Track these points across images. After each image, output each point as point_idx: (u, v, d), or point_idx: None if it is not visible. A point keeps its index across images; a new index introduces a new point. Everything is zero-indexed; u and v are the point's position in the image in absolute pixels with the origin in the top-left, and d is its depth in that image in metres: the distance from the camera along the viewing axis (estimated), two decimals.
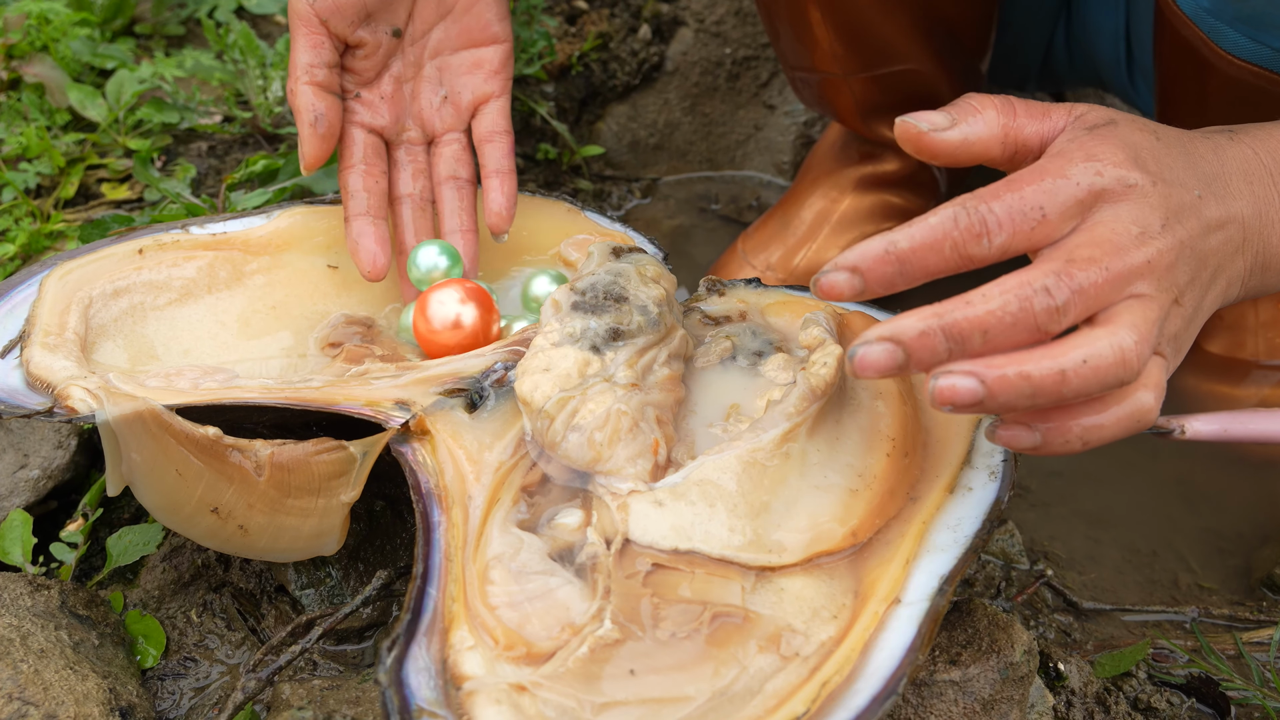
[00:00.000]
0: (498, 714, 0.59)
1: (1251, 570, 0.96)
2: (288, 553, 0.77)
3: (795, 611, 0.66)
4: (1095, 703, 0.81)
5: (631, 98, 1.46)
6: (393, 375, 0.79)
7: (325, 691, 0.72)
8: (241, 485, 0.73)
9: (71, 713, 0.70)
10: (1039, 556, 0.96)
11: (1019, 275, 0.62)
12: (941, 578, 0.67)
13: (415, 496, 0.70)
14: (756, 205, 1.37)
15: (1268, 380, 1.09)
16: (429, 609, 0.64)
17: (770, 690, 0.62)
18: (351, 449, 0.73)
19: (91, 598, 0.82)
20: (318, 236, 0.92)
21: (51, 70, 1.35)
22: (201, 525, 0.75)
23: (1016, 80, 1.29)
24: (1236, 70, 0.85)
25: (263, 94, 1.33)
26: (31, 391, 0.75)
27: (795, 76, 1.16)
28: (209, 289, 0.87)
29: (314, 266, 0.91)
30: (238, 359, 0.84)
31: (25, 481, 0.90)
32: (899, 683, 0.61)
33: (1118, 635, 0.90)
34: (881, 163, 1.20)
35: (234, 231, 0.90)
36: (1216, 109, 0.90)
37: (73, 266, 0.84)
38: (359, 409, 0.74)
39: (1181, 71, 0.91)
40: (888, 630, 0.64)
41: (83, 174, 1.26)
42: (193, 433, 0.72)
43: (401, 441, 0.73)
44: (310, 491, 0.73)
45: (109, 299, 0.84)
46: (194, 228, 0.90)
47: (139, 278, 0.86)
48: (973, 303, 0.61)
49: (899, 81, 1.11)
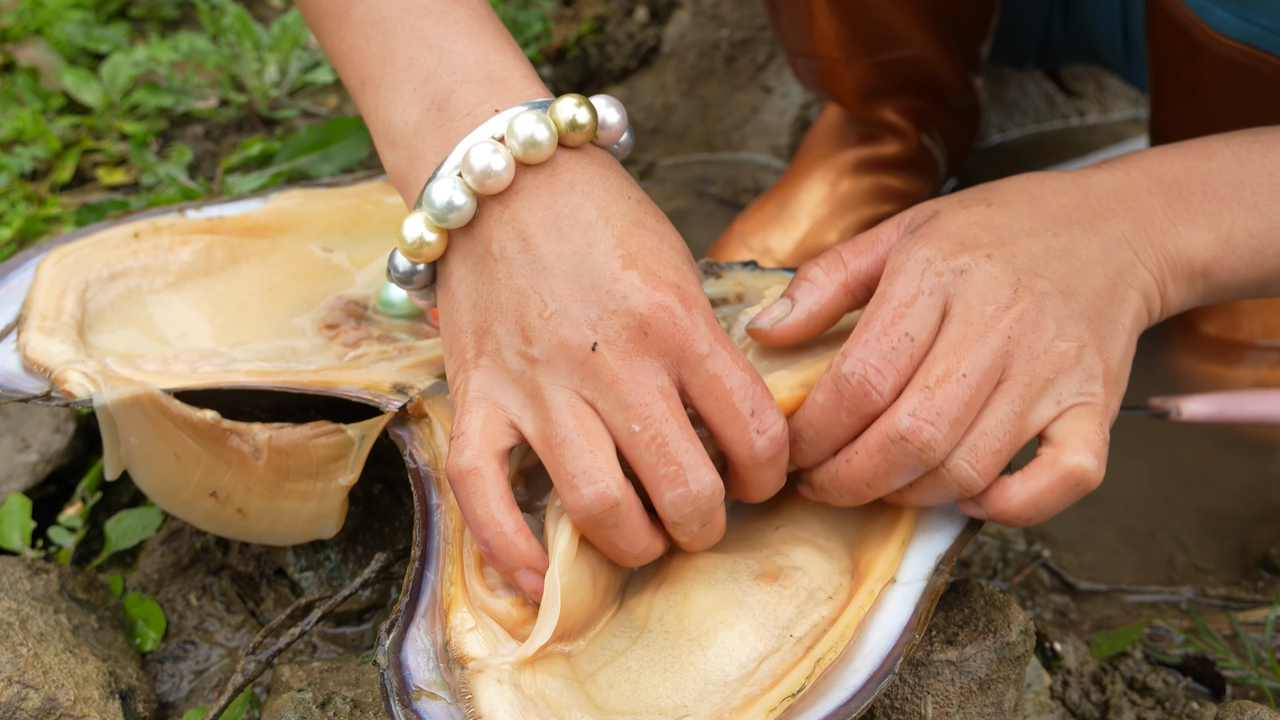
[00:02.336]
0: (499, 693, 0.59)
1: (1247, 551, 0.97)
2: (286, 536, 0.77)
3: (792, 592, 0.66)
4: (1091, 682, 0.81)
5: (628, 80, 1.46)
6: (390, 358, 0.79)
7: (325, 673, 0.73)
8: (240, 469, 0.73)
9: (71, 696, 0.71)
10: (1036, 538, 0.96)
11: (879, 428, 0.62)
12: (938, 557, 0.67)
13: (414, 480, 0.70)
14: (754, 188, 1.37)
15: (1264, 361, 1.09)
16: (427, 591, 0.65)
17: (766, 670, 0.62)
18: (350, 432, 0.73)
19: (90, 581, 0.82)
20: (315, 219, 0.92)
21: (45, 54, 1.34)
22: (200, 509, 0.75)
23: (1014, 59, 1.28)
24: (1226, 50, 0.84)
25: (258, 77, 1.32)
26: (29, 375, 0.75)
27: (795, 61, 1.15)
28: (205, 272, 0.87)
29: (310, 250, 0.91)
30: (234, 342, 0.84)
31: (23, 466, 0.90)
32: (895, 662, 0.61)
33: (1114, 616, 0.90)
34: (880, 145, 1.20)
35: (230, 215, 0.90)
36: (1208, 90, 0.90)
37: (69, 250, 0.84)
38: (357, 393, 0.74)
39: (1173, 52, 0.91)
40: (884, 610, 0.64)
41: (78, 158, 1.26)
42: (191, 416, 0.72)
43: (400, 425, 0.72)
44: (308, 475, 0.73)
45: (105, 283, 0.84)
46: (190, 211, 0.89)
47: (135, 261, 0.85)
48: (851, 461, 0.64)
49: (901, 66, 1.11)
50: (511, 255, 0.62)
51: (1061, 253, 0.66)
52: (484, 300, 0.63)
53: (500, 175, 0.61)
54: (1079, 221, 0.67)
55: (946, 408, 0.61)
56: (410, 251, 0.64)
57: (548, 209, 0.62)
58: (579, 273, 0.61)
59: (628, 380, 0.60)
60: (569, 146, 0.64)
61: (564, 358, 0.60)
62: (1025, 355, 0.63)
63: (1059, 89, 1.45)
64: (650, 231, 0.63)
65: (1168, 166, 0.70)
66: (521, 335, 0.61)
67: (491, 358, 0.63)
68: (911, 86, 1.15)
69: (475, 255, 0.63)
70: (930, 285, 0.63)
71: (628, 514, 0.61)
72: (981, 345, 0.62)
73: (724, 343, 0.62)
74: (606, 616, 0.66)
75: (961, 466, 0.62)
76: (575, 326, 0.60)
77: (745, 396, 0.61)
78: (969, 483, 0.62)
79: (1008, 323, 0.63)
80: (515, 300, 0.62)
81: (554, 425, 0.60)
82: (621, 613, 0.66)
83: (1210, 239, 0.68)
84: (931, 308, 0.63)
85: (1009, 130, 1.43)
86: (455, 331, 0.64)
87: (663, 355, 0.61)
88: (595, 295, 0.60)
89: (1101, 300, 0.66)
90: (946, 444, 0.61)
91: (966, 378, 0.61)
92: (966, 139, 1.26)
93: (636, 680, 0.62)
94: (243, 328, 0.85)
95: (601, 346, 0.60)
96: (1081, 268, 0.66)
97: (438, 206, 0.62)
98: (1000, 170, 1.38)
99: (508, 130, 0.62)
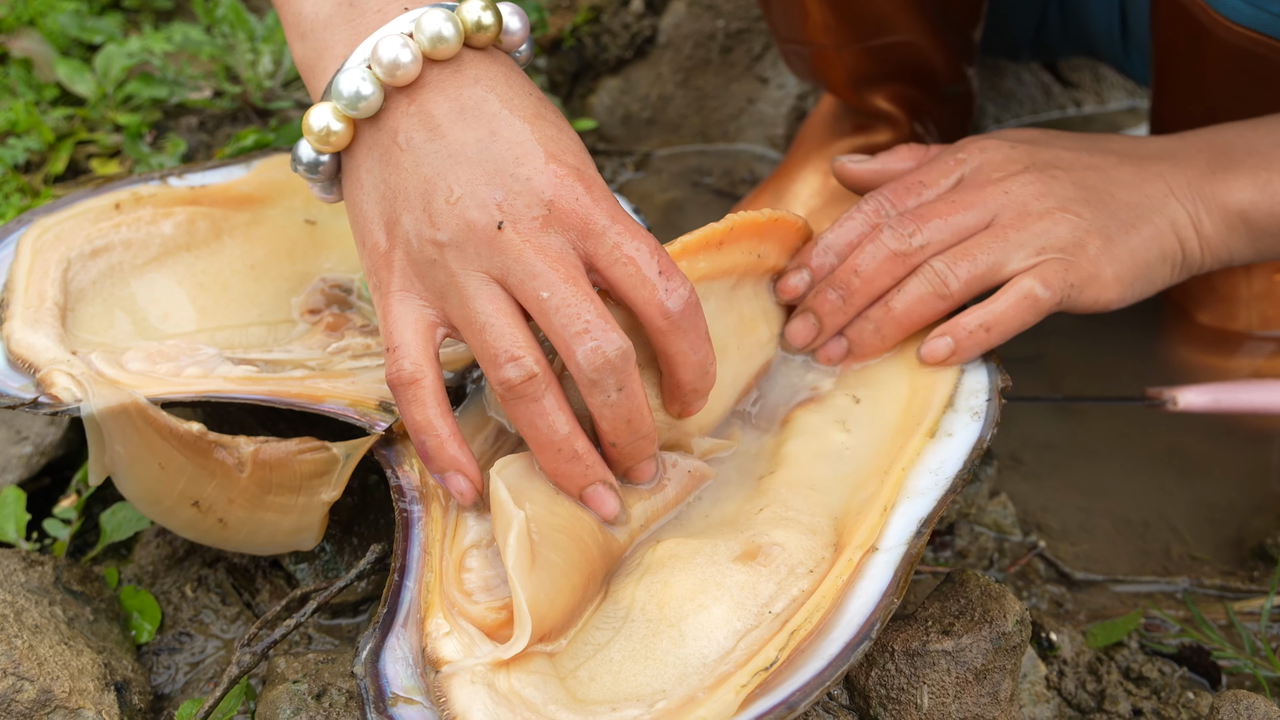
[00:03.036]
0: (473, 694, 0.59)
1: (1243, 540, 0.97)
2: (266, 546, 0.77)
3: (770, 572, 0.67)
4: (1087, 672, 0.81)
5: (624, 71, 1.46)
6: (374, 355, 0.79)
7: (320, 665, 0.73)
8: (223, 480, 0.73)
9: (67, 688, 0.71)
10: (1031, 528, 0.96)
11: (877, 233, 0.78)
12: (920, 520, 0.67)
13: (396, 496, 0.70)
14: (750, 178, 1.36)
15: (1260, 352, 1.09)
16: (406, 601, 0.65)
17: (743, 648, 0.62)
18: (335, 451, 0.73)
19: (86, 573, 0.82)
20: (298, 188, 0.91)
21: (39, 45, 1.34)
22: (181, 517, 0.75)
23: (1009, 51, 1.28)
24: (1235, 37, 0.84)
25: (252, 68, 1.32)
26: (14, 371, 0.75)
27: (787, 49, 1.15)
28: (188, 247, 0.87)
29: (293, 222, 0.90)
30: (217, 325, 0.84)
31: (18, 458, 0.90)
32: (872, 627, 0.61)
33: (1110, 605, 0.90)
34: (873, 134, 1.20)
35: (214, 183, 0.89)
36: (1213, 78, 0.90)
37: (50, 223, 0.83)
38: (343, 410, 0.73)
39: (1178, 40, 0.91)
40: (865, 578, 0.64)
41: (72, 149, 1.26)
42: (177, 428, 0.72)
43: (385, 445, 0.73)
44: (291, 489, 0.74)
45: (87, 259, 0.83)
46: (173, 179, 0.89)
47: (117, 236, 0.85)
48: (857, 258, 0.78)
49: (891, 52, 1.11)
50: (418, 144, 0.64)
51: (1091, 166, 0.77)
52: (391, 190, 0.65)
53: (408, 68, 0.64)
54: (1121, 155, 0.78)
55: (933, 225, 0.77)
56: (318, 139, 0.66)
57: (453, 100, 0.65)
58: (484, 158, 0.63)
59: (534, 251, 0.62)
60: (474, 46, 0.67)
61: (471, 239, 0.63)
62: (1016, 210, 0.76)
63: (1055, 79, 1.45)
64: (550, 123, 0.66)
65: (1219, 134, 0.81)
66: (429, 221, 0.64)
67: (403, 248, 0.65)
68: (903, 73, 1.15)
69: (381, 146, 0.66)
70: (954, 160, 0.80)
71: (547, 387, 0.63)
72: (979, 193, 0.77)
73: (624, 218, 0.64)
74: (590, 609, 0.66)
75: (936, 265, 0.76)
76: (482, 208, 0.63)
77: (650, 261, 0.64)
78: (942, 276, 0.75)
79: (1010, 183, 0.77)
80: (422, 188, 0.64)
81: (473, 311, 0.63)
82: (607, 603, 0.67)
83: (1248, 184, 0.77)
84: (950, 173, 0.80)
85: (1005, 120, 1.43)
86: (365, 223, 0.67)
87: (567, 230, 0.63)
88: (500, 179, 0.63)
89: (1122, 209, 0.76)
90: (932, 247, 0.76)
91: (955, 206, 0.77)
92: (960, 128, 1.26)
93: (618, 671, 0.62)
94: (225, 309, 0.85)
95: (507, 225, 0.62)
96: (1107, 182, 0.76)
97: (345, 96, 0.64)
98: None
99: (415, 26, 0.64)
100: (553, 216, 0.63)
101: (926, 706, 0.68)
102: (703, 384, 0.69)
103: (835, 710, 0.70)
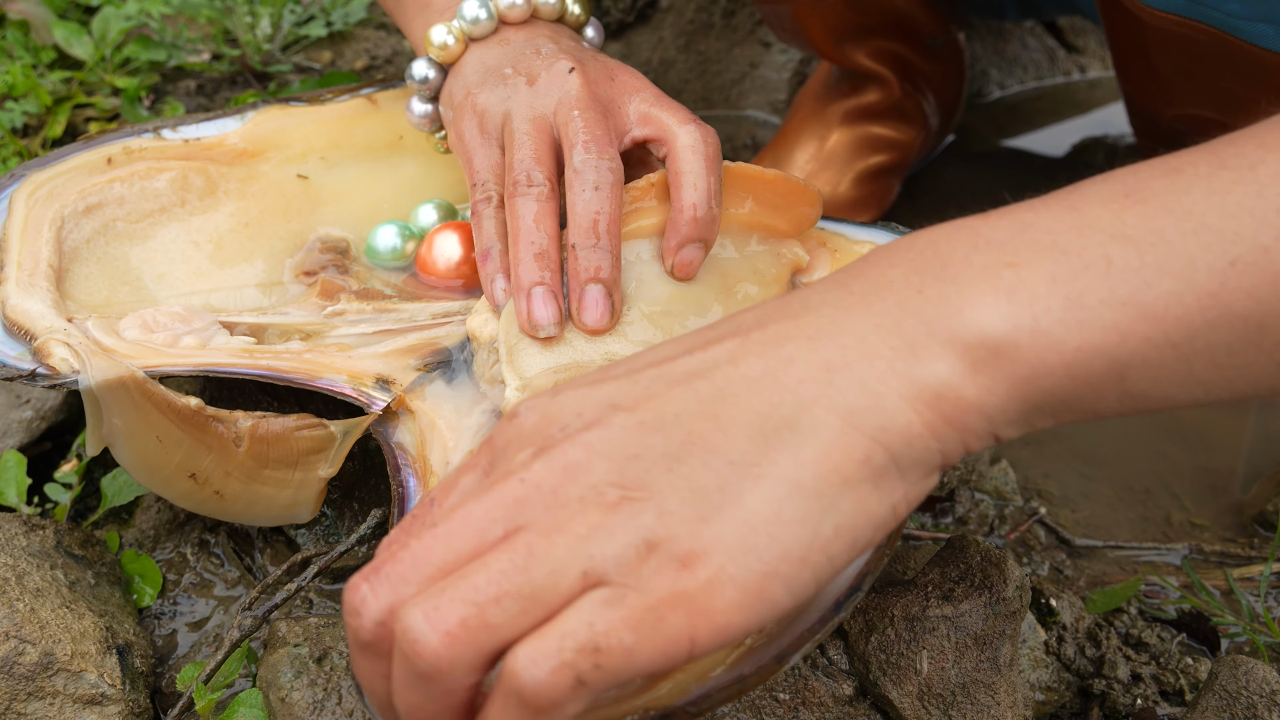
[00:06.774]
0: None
1: (1244, 507, 0.97)
2: (261, 519, 0.77)
3: None
4: (1086, 638, 0.81)
5: (625, 36, 1.44)
6: (369, 319, 0.79)
7: (321, 629, 0.73)
8: (220, 454, 0.73)
9: (69, 650, 0.71)
10: (1032, 494, 0.96)
11: None
12: None
13: (392, 471, 0.70)
14: (752, 144, 1.36)
15: None
16: None
17: None
18: (333, 428, 0.73)
19: (87, 537, 0.82)
20: (293, 141, 0.91)
21: (35, 7, 1.33)
22: (178, 488, 0.75)
23: (994, 9, 1.27)
24: (1160, 22, 0.85)
25: (251, 31, 1.31)
26: (10, 338, 0.75)
27: (766, 10, 1.14)
28: (182, 203, 0.86)
29: (287, 177, 0.90)
30: (213, 287, 0.84)
31: (18, 422, 0.90)
32: (864, 580, 0.60)
33: (1110, 572, 0.91)
34: (863, 94, 1.19)
35: (208, 136, 0.89)
36: (1157, 57, 0.90)
37: (42, 179, 0.83)
38: (341, 386, 0.74)
39: (1121, 26, 0.92)
40: None
41: (70, 113, 1.25)
42: (174, 402, 0.72)
43: (382, 423, 0.73)
44: (288, 464, 0.74)
45: (80, 217, 0.83)
46: (166, 130, 0.88)
47: (110, 192, 0.84)
48: None
49: (871, 5, 1.10)
50: (516, 44, 0.80)
51: (685, 376, 0.49)
52: (486, 69, 0.78)
53: (521, 7, 0.80)
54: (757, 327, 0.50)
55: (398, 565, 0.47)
56: (439, 49, 0.80)
57: (550, 32, 0.80)
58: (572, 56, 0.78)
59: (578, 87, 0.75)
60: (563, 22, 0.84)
61: (538, 85, 0.76)
62: (546, 503, 0.46)
63: (1060, 43, 1.43)
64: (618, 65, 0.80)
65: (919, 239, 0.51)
66: (514, 73, 0.78)
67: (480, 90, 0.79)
68: (886, 28, 1.14)
69: (489, 61, 0.79)
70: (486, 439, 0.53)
71: (550, 197, 0.72)
72: (486, 495, 0.47)
73: None
74: None
75: (413, 616, 0.45)
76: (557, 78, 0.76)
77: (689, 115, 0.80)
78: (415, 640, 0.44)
79: (533, 467, 0.47)
80: (513, 64, 0.78)
81: (514, 136, 0.74)
82: None
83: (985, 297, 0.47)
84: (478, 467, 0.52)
85: (1009, 85, 1.42)
86: (460, 98, 0.80)
87: None
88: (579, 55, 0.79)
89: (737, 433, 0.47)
90: (383, 598, 0.47)
91: (437, 528, 0.47)
92: (954, 88, 1.25)
93: None
94: (220, 270, 0.85)
95: (577, 69, 0.76)
96: (713, 395, 0.48)
97: (467, 19, 0.79)
98: (999, 126, 1.38)
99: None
100: (616, 84, 0.77)
101: (926, 671, 0.69)
102: (705, 215, 0.72)
103: (835, 675, 0.70)
